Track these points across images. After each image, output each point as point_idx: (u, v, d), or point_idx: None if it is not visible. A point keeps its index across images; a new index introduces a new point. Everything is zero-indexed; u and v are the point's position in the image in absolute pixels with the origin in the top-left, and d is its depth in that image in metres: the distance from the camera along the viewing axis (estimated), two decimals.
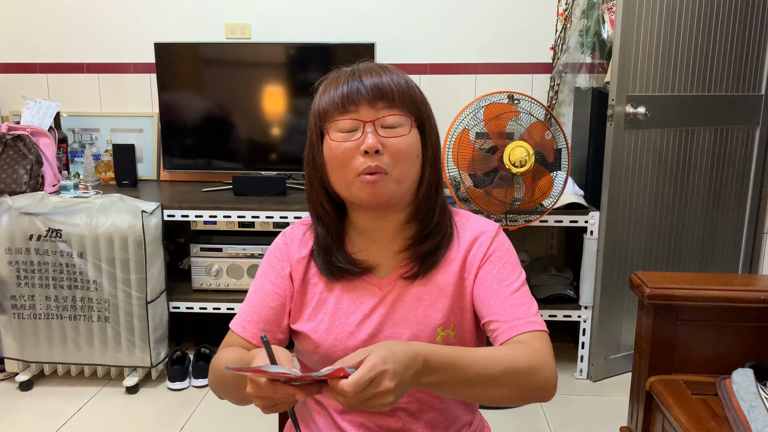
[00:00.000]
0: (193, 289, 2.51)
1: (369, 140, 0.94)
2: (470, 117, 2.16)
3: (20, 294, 2.30)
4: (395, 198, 1.00)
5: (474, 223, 1.07)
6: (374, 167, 0.95)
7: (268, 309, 1.05)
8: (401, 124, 0.97)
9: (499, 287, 1.00)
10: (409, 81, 1.01)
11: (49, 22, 2.84)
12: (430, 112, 1.04)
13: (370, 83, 0.96)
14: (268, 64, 2.64)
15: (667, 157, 2.36)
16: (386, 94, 0.96)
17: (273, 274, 1.06)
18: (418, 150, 1.00)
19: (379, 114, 0.96)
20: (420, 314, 1.01)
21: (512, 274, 1.02)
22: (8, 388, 2.39)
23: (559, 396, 2.35)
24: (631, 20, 2.17)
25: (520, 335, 0.95)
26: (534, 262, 2.72)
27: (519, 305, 0.99)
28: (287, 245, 1.08)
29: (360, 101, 0.95)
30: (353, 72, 0.98)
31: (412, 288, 1.02)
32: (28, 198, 2.29)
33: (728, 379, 1.47)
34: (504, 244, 1.05)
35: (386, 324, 1.02)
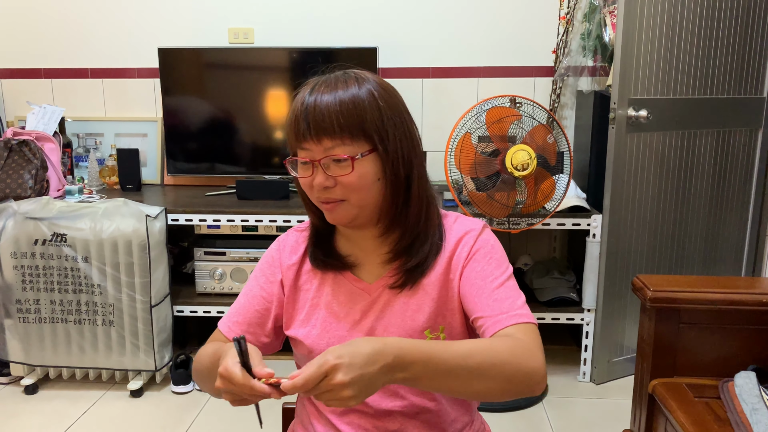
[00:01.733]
0: (196, 293, 2.52)
1: (316, 181, 0.96)
2: (472, 120, 2.17)
3: (25, 298, 2.31)
4: (361, 219, 1.01)
5: (459, 224, 1.07)
6: (326, 198, 0.98)
7: (253, 312, 1.08)
8: (346, 158, 0.95)
9: (483, 283, 1.00)
10: (359, 100, 0.96)
11: (54, 28, 2.86)
12: (388, 127, 0.97)
13: (313, 119, 0.94)
14: (271, 69, 2.65)
15: (669, 160, 2.36)
16: (328, 129, 0.94)
17: (263, 278, 1.10)
18: (375, 175, 0.97)
19: (325, 152, 0.95)
20: (408, 318, 1.02)
21: (497, 269, 1.01)
22: (14, 391, 2.40)
23: (561, 399, 2.35)
24: (632, 23, 2.17)
25: (506, 329, 0.94)
26: (537, 266, 2.73)
27: (503, 299, 0.98)
28: (280, 252, 1.11)
29: (307, 138, 0.95)
30: (303, 103, 0.97)
31: (400, 295, 1.03)
32: (33, 203, 2.30)
33: (731, 382, 1.47)
34: (489, 241, 1.05)
35: (376, 330, 1.03)
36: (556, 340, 2.78)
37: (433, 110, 2.81)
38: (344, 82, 0.98)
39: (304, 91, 0.98)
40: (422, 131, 2.82)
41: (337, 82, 0.97)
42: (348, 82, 0.97)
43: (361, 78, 0.99)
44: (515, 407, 2.27)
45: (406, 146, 1.00)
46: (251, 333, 1.08)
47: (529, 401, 2.30)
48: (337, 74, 1.00)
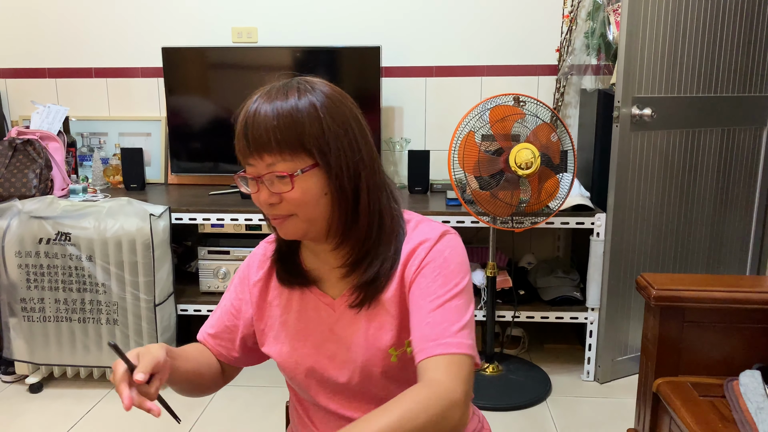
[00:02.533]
0: (200, 292, 2.52)
1: (260, 198, 0.94)
2: (476, 119, 2.16)
3: (30, 297, 2.32)
4: (313, 233, 0.97)
5: (418, 232, 1.00)
6: (273, 215, 0.95)
7: (223, 327, 1.10)
8: (285, 175, 0.91)
9: (422, 302, 0.93)
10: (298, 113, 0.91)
11: (58, 28, 2.87)
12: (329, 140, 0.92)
13: (252, 135, 0.91)
14: (275, 68, 2.65)
15: (673, 159, 2.36)
16: (266, 146, 0.90)
17: (233, 294, 1.10)
18: (321, 190, 0.93)
19: (268, 169, 0.91)
20: (371, 337, 0.99)
21: (442, 287, 0.93)
22: (18, 390, 2.41)
23: (566, 398, 2.34)
24: (636, 22, 2.17)
25: (429, 359, 0.87)
26: (540, 264, 2.72)
27: (437, 323, 0.90)
28: (248, 267, 1.10)
29: (249, 155, 0.92)
30: (243, 118, 0.93)
31: (362, 314, 1.00)
32: (38, 202, 2.31)
33: (735, 381, 1.46)
34: (443, 253, 0.96)
35: (340, 350, 1.01)
36: (560, 339, 2.77)
37: (436, 109, 2.81)
38: (285, 93, 0.92)
39: (245, 104, 0.94)
40: (425, 130, 2.83)
41: (277, 93, 0.92)
42: (288, 93, 0.92)
43: (304, 88, 0.93)
44: (519, 406, 2.27)
45: (352, 159, 0.94)
46: (223, 347, 1.10)
47: (534, 400, 2.30)
48: (280, 84, 0.95)
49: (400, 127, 2.83)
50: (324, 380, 1.02)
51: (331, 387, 1.03)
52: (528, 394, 2.33)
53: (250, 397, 2.34)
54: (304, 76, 0.98)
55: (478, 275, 2.50)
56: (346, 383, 1.01)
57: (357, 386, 1.01)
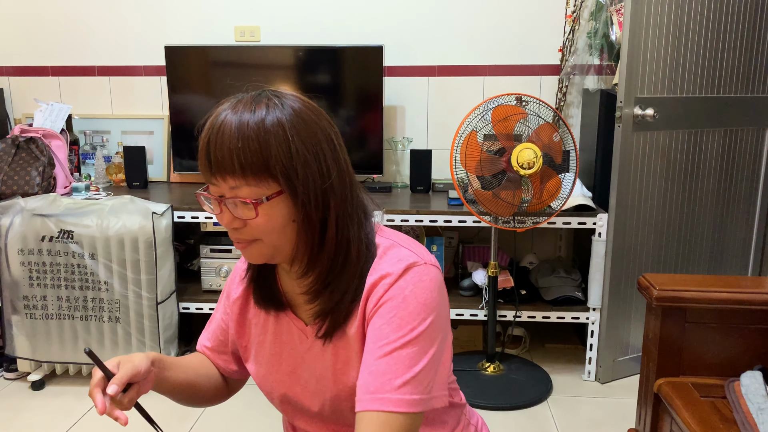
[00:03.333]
0: (202, 290, 2.53)
1: (222, 221, 0.88)
2: (478, 119, 2.16)
3: (32, 294, 2.32)
4: (280, 257, 0.91)
5: (384, 263, 0.91)
6: (236, 239, 0.89)
7: (218, 341, 1.09)
8: (248, 202, 0.84)
9: (372, 347, 0.86)
10: (263, 133, 0.83)
11: (61, 25, 2.87)
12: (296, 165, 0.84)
13: (214, 156, 0.84)
14: (278, 67, 2.65)
15: (675, 159, 2.36)
16: (228, 169, 0.83)
17: (221, 306, 1.09)
18: (288, 216, 0.86)
19: (232, 192, 0.85)
20: (338, 372, 0.94)
21: (395, 331, 0.85)
22: (20, 387, 2.42)
23: (567, 398, 2.34)
24: (639, 22, 2.17)
25: (363, 413, 0.83)
26: (542, 264, 2.72)
27: (381, 373, 0.84)
28: (231, 282, 1.08)
29: (212, 176, 0.85)
30: (206, 133, 0.86)
31: (329, 344, 0.95)
32: (41, 199, 2.32)
33: (737, 382, 1.46)
34: (404, 290, 0.87)
35: (311, 380, 0.98)
36: (561, 339, 2.77)
37: (438, 108, 2.81)
38: (252, 108, 0.85)
39: (211, 116, 0.88)
40: (428, 130, 2.83)
41: (244, 108, 0.85)
42: (257, 107, 0.85)
43: (273, 103, 0.86)
44: (520, 406, 2.27)
45: (321, 186, 0.86)
46: (221, 359, 1.09)
47: (535, 400, 2.30)
48: (248, 97, 0.88)
49: (402, 127, 2.84)
50: (298, 407, 1.01)
51: (306, 413, 1.01)
52: (529, 393, 2.33)
53: (251, 395, 2.34)
54: (275, 90, 0.90)
55: (480, 275, 2.51)
56: (318, 412, 0.99)
57: (330, 415, 0.99)
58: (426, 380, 0.85)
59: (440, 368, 0.89)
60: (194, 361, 1.08)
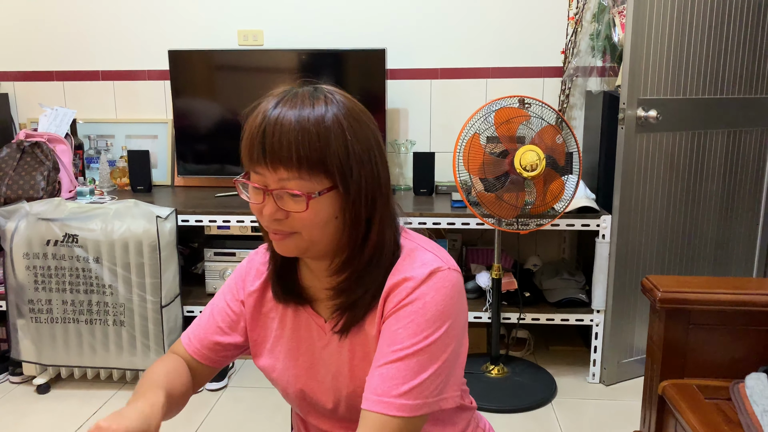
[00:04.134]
0: (207, 294, 2.53)
1: (265, 211, 0.87)
2: (481, 121, 2.17)
3: (38, 298, 2.33)
4: (314, 252, 0.92)
5: (407, 265, 0.92)
6: (275, 230, 0.89)
7: (215, 328, 1.05)
8: (301, 195, 0.84)
9: (386, 350, 0.88)
10: (324, 129, 0.84)
11: (65, 31, 2.89)
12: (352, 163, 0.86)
13: (270, 145, 0.83)
14: (281, 70, 2.66)
15: (679, 161, 2.35)
16: (284, 160, 0.83)
17: (230, 294, 1.05)
18: (333, 213, 0.87)
19: (280, 183, 0.85)
20: (355, 368, 0.95)
21: (410, 337, 0.87)
22: (26, 391, 2.43)
23: (571, 400, 2.34)
24: (642, 23, 2.16)
25: (369, 412, 0.85)
26: (546, 266, 2.72)
27: (388, 378, 0.86)
28: (246, 273, 1.05)
29: (261, 164, 0.85)
30: (261, 122, 0.85)
31: (346, 340, 0.96)
32: (45, 204, 2.33)
33: (741, 384, 1.46)
34: (424, 297, 0.88)
35: (327, 376, 0.98)
36: (566, 341, 2.77)
37: (441, 111, 2.81)
38: (311, 102, 0.85)
39: (264, 106, 0.87)
40: (431, 132, 2.83)
41: (304, 101, 0.85)
42: (316, 103, 0.85)
43: (330, 101, 0.86)
44: (524, 408, 2.27)
45: (372, 186, 0.88)
46: (210, 349, 1.04)
47: (539, 402, 2.30)
48: (306, 90, 0.88)
49: (405, 129, 2.84)
50: (313, 403, 1.01)
51: (320, 410, 1.01)
52: (533, 396, 2.33)
53: (255, 399, 2.34)
54: (328, 87, 0.90)
55: (484, 277, 2.50)
56: (333, 409, 0.99)
57: (345, 413, 0.99)
58: (432, 386, 0.87)
59: (453, 370, 0.91)
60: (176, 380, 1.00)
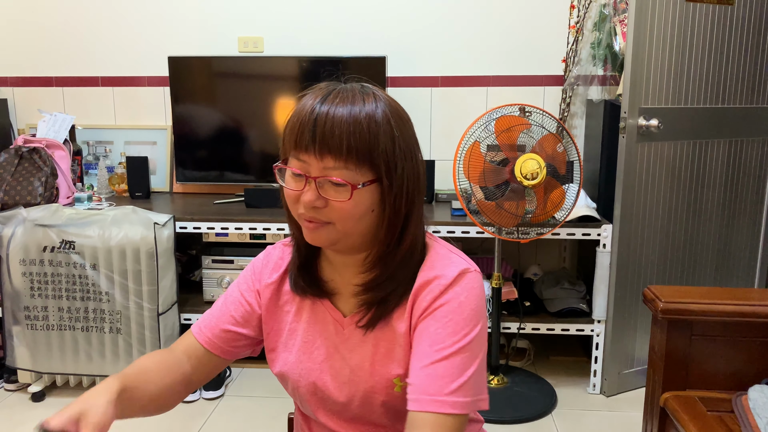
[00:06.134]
0: (204, 301, 2.51)
1: (306, 197, 0.88)
2: (481, 129, 2.16)
3: (34, 305, 2.32)
4: (344, 244, 0.93)
5: (437, 264, 0.95)
6: (311, 217, 0.90)
7: (228, 317, 1.04)
8: (346, 184, 0.87)
9: (429, 350, 0.89)
10: (374, 124, 0.87)
11: (65, 36, 2.89)
12: (397, 159, 0.89)
13: (321, 133, 0.85)
14: (281, 77, 2.65)
15: (680, 170, 2.34)
16: (335, 148, 0.85)
17: (245, 285, 1.05)
18: (371, 206, 0.90)
19: (324, 172, 0.87)
20: (377, 363, 0.95)
21: (450, 336, 0.89)
22: (21, 398, 2.41)
23: (571, 411, 2.32)
24: (643, 32, 2.16)
25: (421, 414, 0.87)
26: (546, 276, 2.70)
27: (437, 377, 0.88)
28: (263, 266, 1.06)
29: (309, 151, 0.87)
30: (313, 110, 0.87)
31: (369, 335, 0.96)
32: (43, 210, 2.31)
33: (744, 396, 1.44)
34: (459, 296, 0.91)
35: (344, 370, 0.97)
36: (566, 352, 2.75)
37: (442, 119, 2.81)
38: (362, 98, 0.89)
39: (314, 97, 0.89)
40: (431, 140, 2.82)
41: (354, 97, 0.88)
42: (366, 99, 0.89)
43: (378, 98, 0.90)
44: (524, 419, 2.25)
45: (413, 183, 0.92)
46: (222, 340, 1.03)
47: (539, 413, 2.28)
48: (354, 86, 0.92)
49: None
50: (325, 398, 1.00)
51: (331, 406, 1.00)
52: (533, 406, 2.31)
53: (252, 408, 2.32)
54: (371, 84, 0.94)
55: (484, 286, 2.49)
56: (345, 404, 0.98)
57: (356, 409, 0.98)
58: (475, 384, 0.90)
59: (484, 372, 0.93)
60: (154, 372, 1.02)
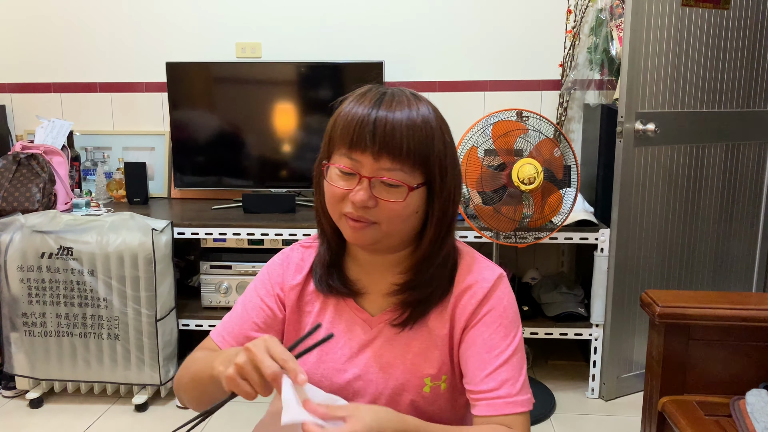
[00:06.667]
0: (202, 307, 2.51)
1: (358, 196, 0.89)
2: (479, 134, 2.16)
3: (31, 311, 2.31)
4: (383, 244, 0.95)
5: (475, 269, 0.99)
6: (359, 217, 0.91)
7: (250, 324, 1.03)
8: (400, 185, 0.89)
9: (487, 357, 0.93)
10: (430, 128, 0.91)
11: (63, 43, 2.89)
12: (448, 163, 0.93)
13: (381, 133, 0.87)
14: (279, 83, 2.66)
15: (677, 174, 2.35)
16: (394, 150, 0.87)
17: (264, 290, 1.04)
18: (416, 208, 0.93)
19: (379, 172, 0.88)
20: (408, 362, 0.97)
21: (504, 339, 0.94)
22: (19, 405, 2.40)
23: (570, 416, 2.32)
24: (639, 37, 2.17)
25: (499, 417, 0.91)
26: (544, 280, 2.70)
27: (504, 381, 0.93)
28: (284, 268, 1.05)
29: (365, 150, 0.88)
30: (371, 110, 0.89)
31: (402, 333, 0.98)
32: (41, 216, 2.31)
33: (742, 400, 1.44)
34: (502, 301, 0.96)
35: (372, 367, 0.98)
36: (564, 356, 2.75)
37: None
38: (416, 102, 0.91)
39: (366, 98, 0.90)
40: None
41: (409, 101, 0.91)
42: (419, 104, 0.91)
43: (426, 104, 0.93)
44: None
45: (458, 188, 0.97)
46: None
47: (537, 417, 2.27)
48: (404, 90, 0.94)
49: None
50: (347, 397, 0.99)
51: None
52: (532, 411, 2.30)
53: (253, 412, 2.32)
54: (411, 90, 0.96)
55: None
56: (370, 403, 0.98)
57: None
58: (527, 381, 0.97)
59: None
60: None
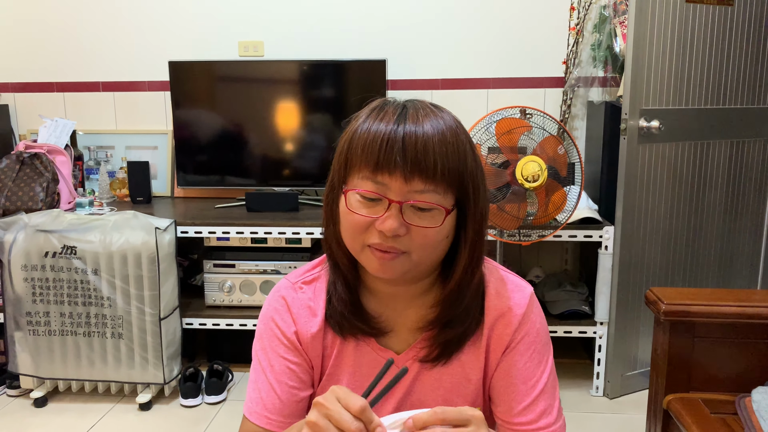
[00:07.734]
0: (206, 306, 2.51)
1: (387, 224, 0.78)
2: (482, 132, 2.16)
3: (35, 311, 2.31)
4: (408, 276, 0.85)
5: (501, 291, 0.90)
6: (389, 247, 0.80)
7: (288, 391, 0.90)
8: (435, 208, 0.78)
9: (523, 388, 0.88)
10: (462, 143, 0.80)
11: (66, 42, 2.89)
12: (480, 181, 0.82)
13: (412, 151, 0.76)
14: (281, 81, 2.65)
15: (682, 171, 2.34)
16: (427, 170, 0.76)
17: (282, 348, 0.91)
18: (449, 232, 0.82)
19: (411, 195, 0.77)
20: (440, 398, 0.90)
21: (538, 366, 0.89)
22: (23, 404, 2.40)
23: (575, 414, 2.31)
24: (643, 34, 2.16)
25: None
26: (548, 278, 2.70)
27: (542, 412, 0.87)
28: (293, 317, 0.92)
29: (394, 171, 0.77)
30: (396, 126, 0.78)
31: (433, 370, 0.90)
32: (44, 215, 2.31)
33: (748, 398, 1.44)
34: (535, 325, 0.90)
35: (402, 408, 0.91)
36: (569, 354, 2.74)
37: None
38: (439, 114, 0.81)
39: (385, 114, 0.80)
40: None
41: (433, 112, 0.81)
42: (444, 115, 0.81)
43: (449, 113, 0.84)
44: None
45: (488, 205, 0.86)
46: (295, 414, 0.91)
47: None
48: (423, 101, 0.84)
49: None
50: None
51: None
52: None
53: None
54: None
55: None
56: None
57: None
58: (560, 401, 0.92)
59: None
60: None
